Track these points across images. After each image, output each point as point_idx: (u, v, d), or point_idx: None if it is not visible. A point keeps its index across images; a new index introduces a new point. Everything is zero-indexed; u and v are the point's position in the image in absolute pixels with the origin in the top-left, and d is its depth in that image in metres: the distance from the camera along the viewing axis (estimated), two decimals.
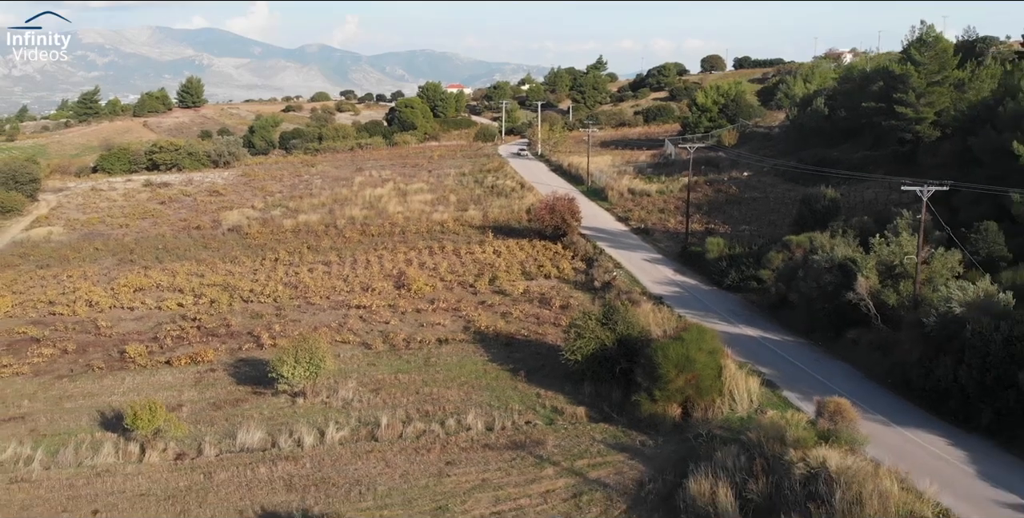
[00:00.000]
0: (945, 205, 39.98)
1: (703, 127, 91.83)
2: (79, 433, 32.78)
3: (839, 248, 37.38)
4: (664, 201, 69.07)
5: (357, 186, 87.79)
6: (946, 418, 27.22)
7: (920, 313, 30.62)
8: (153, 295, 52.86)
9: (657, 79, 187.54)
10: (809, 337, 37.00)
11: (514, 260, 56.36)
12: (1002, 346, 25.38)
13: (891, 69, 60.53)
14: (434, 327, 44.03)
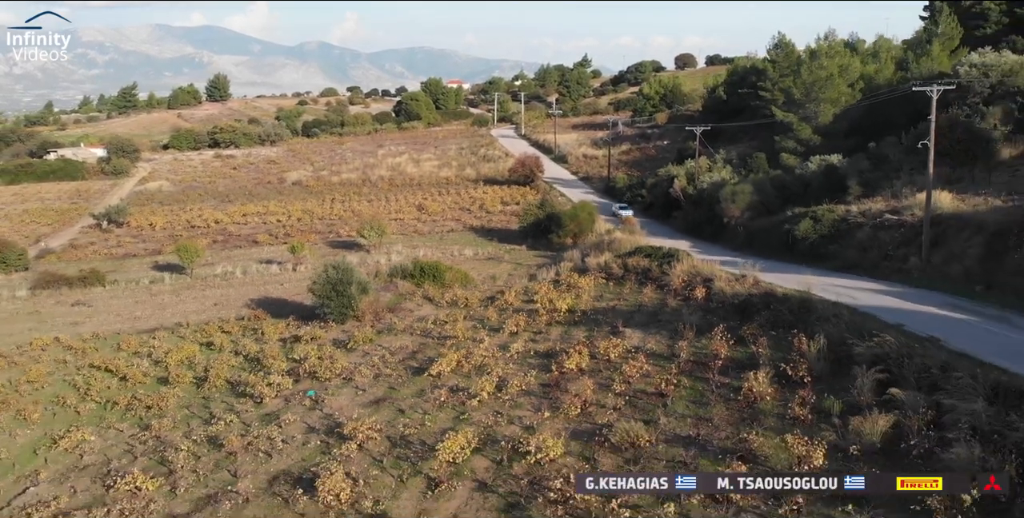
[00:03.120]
0: (761, 145, 70.40)
1: (648, 112, 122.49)
2: (255, 265, 63.29)
3: (673, 169, 68.09)
4: (605, 161, 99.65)
5: (380, 157, 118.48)
6: (693, 237, 57.48)
7: (701, 196, 61.22)
8: (256, 217, 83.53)
9: (635, 75, 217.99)
10: (656, 218, 67.52)
11: (496, 196, 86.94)
12: (710, 200, 55.82)
13: (758, 66, 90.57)
14: (443, 225, 74.67)
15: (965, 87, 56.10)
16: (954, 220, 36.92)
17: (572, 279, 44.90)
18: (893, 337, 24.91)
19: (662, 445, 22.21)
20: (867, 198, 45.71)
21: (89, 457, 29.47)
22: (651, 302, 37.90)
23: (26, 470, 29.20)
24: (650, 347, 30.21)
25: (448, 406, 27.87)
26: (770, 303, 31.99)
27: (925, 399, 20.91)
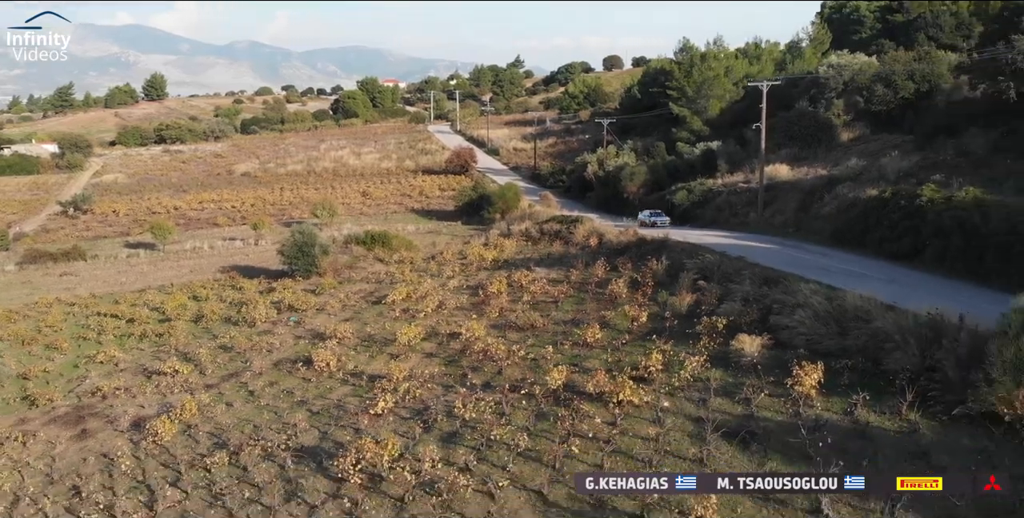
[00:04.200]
0: (663, 136, 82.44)
1: (573, 109, 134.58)
2: (219, 241, 72.42)
3: (587, 157, 79.76)
4: (533, 153, 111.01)
5: (323, 151, 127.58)
6: (602, 211, 68.99)
7: (607, 178, 72.82)
8: (212, 204, 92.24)
9: (565, 75, 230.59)
10: (574, 198, 78.97)
11: (434, 184, 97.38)
12: (615, 180, 67.43)
13: (666, 67, 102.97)
14: (387, 208, 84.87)
15: (823, 83, 69.00)
16: (784, 185, 49.11)
17: (499, 241, 55.63)
18: (713, 256, 36.41)
19: (551, 325, 33.12)
20: (731, 173, 57.78)
21: (123, 364, 39.08)
22: (558, 252, 48.90)
23: (74, 375, 38.66)
24: (552, 277, 41.16)
25: (402, 319, 38.27)
26: (640, 245, 43.30)
27: (719, 286, 32.29)
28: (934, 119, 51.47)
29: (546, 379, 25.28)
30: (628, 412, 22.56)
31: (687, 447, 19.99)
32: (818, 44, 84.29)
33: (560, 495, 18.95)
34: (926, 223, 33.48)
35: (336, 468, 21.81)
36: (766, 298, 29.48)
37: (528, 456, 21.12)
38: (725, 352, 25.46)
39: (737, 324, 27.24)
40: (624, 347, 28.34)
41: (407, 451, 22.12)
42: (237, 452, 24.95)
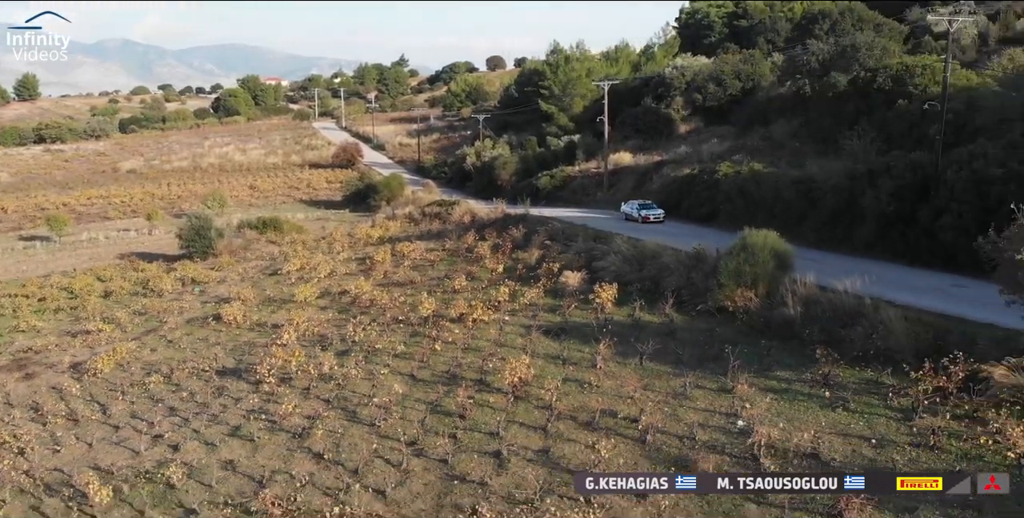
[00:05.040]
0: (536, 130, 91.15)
1: (455, 106, 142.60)
2: (114, 233, 76.33)
3: (466, 150, 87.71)
4: (418, 148, 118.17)
5: (207, 147, 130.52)
6: (479, 197, 76.95)
7: (484, 168, 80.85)
8: (100, 199, 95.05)
9: (449, 74, 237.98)
10: (455, 187, 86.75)
11: (321, 177, 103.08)
12: (490, 169, 75.54)
13: (539, 68, 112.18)
14: (275, 199, 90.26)
15: (668, 83, 79.18)
16: (626, 169, 58.44)
17: (384, 223, 62.63)
18: (560, 224, 44.83)
19: (427, 281, 40.59)
20: (587, 161, 66.88)
21: (46, 331, 44.04)
22: (437, 229, 56.38)
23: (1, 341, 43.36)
24: (430, 247, 48.64)
25: (297, 285, 44.87)
26: (505, 219, 51.36)
27: (561, 244, 40.63)
28: (750, 112, 61.87)
29: (420, 311, 32.86)
30: (479, 326, 30.38)
31: (517, 340, 27.96)
32: (668, 47, 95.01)
33: (425, 376, 26.52)
34: (720, 192, 42.90)
35: (253, 377, 28.67)
36: (593, 250, 37.97)
37: (403, 356, 28.63)
38: (556, 286, 33.71)
39: (568, 267, 35.52)
40: (483, 289, 36.15)
41: (310, 361, 29.17)
42: (169, 375, 31.33)
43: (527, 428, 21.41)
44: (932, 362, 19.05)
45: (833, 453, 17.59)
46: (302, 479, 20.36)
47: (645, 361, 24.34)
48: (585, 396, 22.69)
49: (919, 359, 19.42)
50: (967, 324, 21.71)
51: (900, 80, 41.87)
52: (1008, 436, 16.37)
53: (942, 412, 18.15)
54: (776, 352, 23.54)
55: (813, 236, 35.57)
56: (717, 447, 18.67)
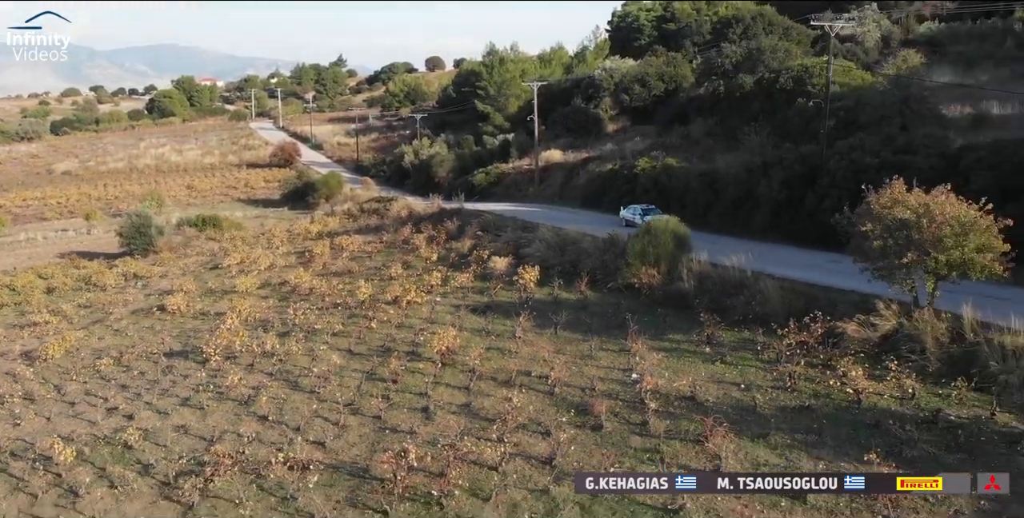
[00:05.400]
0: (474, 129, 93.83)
1: (394, 106, 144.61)
2: (52, 233, 76.62)
3: (404, 148, 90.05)
4: (356, 147, 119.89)
5: (143, 149, 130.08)
6: (417, 194, 79.39)
7: (421, 166, 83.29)
8: (36, 201, 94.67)
9: (388, 75, 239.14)
10: (394, 185, 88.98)
11: (259, 176, 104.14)
12: (428, 167, 78.07)
13: (476, 69, 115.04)
14: (213, 199, 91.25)
15: (598, 84, 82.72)
16: (556, 166, 61.67)
17: (323, 219, 64.69)
18: (492, 216, 47.71)
19: (365, 270, 43.01)
20: (520, 159, 69.94)
21: None
22: (375, 223, 58.72)
23: None
24: (368, 240, 51.00)
25: (237, 277, 46.82)
26: (441, 213, 54.02)
27: (492, 235, 43.50)
28: (672, 112, 65.63)
29: (357, 295, 35.37)
30: (413, 307, 33.05)
31: (446, 318, 30.70)
32: (599, 50, 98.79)
33: (361, 350, 29.08)
34: (638, 185, 46.30)
35: (200, 357, 30.84)
36: (521, 239, 40.99)
37: (341, 335, 31.13)
38: (485, 271, 36.58)
39: (497, 254, 38.43)
40: (418, 276, 38.76)
41: (253, 340, 31.43)
42: (119, 358, 33.22)
43: (452, 388, 24.18)
44: (797, 322, 22.46)
45: (707, 396, 20.78)
46: (249, 436, 22.78)
47: (559, 330, 27.37)
48: (505, 360, 25.58)
49: (789, 320, 22.81)
50: (833, 291, 25.24)
51: (800, 80, 45.82)
52: (852, 378, 19.73)
53: (801, 361, 21.53)
54: (671, 319, 26.83)
55: (717, 223, 39.14)
56: (612, 395, 21.71)
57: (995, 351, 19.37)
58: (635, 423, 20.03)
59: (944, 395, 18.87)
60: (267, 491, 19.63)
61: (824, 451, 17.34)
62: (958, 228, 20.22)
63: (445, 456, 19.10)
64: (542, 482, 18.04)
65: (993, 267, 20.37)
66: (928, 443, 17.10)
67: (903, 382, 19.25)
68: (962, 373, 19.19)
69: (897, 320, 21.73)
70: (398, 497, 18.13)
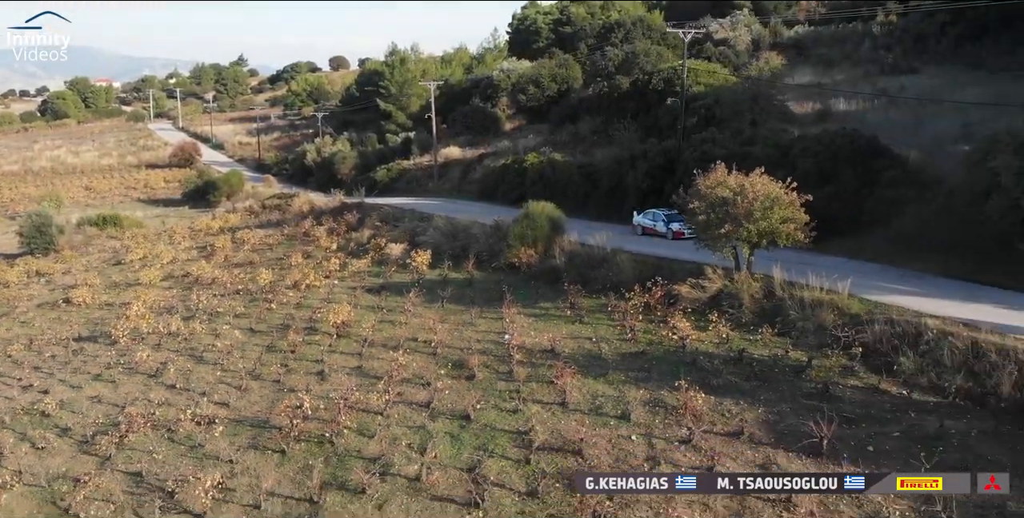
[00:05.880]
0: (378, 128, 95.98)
1: (297, 105, 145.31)
2: None
3: (307, 146, 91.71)
4: (258, 146, 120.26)
5: (37, 151, 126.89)
6: (321, 191, 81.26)
7: (324, 163, 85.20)
8: None
9: (291, 74, 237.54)
10: (297, 183, 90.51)
11: (159, 177, 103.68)
12: (330, 165, 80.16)
13: (378, 69, 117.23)
14: (113, 199, 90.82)
15: (496, 84, 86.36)
16: (454, 162, 65.05)
17: (225, 216, 66.13)
18: (391, 208, 50.59)
19: (265, 260, 45.27)
20: (421, 155, 72.95)
21: None
22: (276, 219, 60.68)
23: None
24: (269, 233, 53.10)
25: (140, 271, 48.32)
26: (342, 207, 56.51)
27: (391, 225, 46.36)
28: (563, 111, 69.74)
29: (258, 281, 37.81)
30: (311, 290, 35.76)
31: (343, 298, 33.52)
32: (499, 51, 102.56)
33: (262, 328, 31.66)
34: (527, 178, 49.99)
35: (108, 340, 32.80)
36: (417, 227, 44.09)
37: (243, 316, 33.63)
38: (382, 257, 39.54)
39: (394, 241, 41.41)
40: (317, 263, 41.37)
41: (159, 323, 33.56)
42: (29, 344, 34.78)
43: (346, 355, 27.16)
44: (642, 287, 26.37)
45: (564, 348, 24.38)
46: (159, 401, 25.23)
47: (446, 304, 30.67)
48: (395, 330, 28.69)
49: (636, 287, 26.72)
50: (676, 262, 29.28)
51: (670, 81, 50.28)
52: (680, 329, 23.65)
53: (641, 318, 25.41)
54: (543, 290, 30.53)
55: (595, 210, 43.12)
56: (486, 352, 25.10)
57: (795, 304, 23.63)
58: (502, 372, 23.47)
59: (753, 340, 22.98)
60: (177, 442, 22.24)
61: (650, 384, 21.16)
62: (767, 202, 24.39)
63: (336, 406, 22.11)
64: (420, 421, 21.30)
65: (796, 235, 24.65)
66: (732, 375, 21.13)
67: (721, 330, 23.30)
68: (769, 322, 23.41)
69: (722, 282, 25.88)
70: (294, 439, 21.06)
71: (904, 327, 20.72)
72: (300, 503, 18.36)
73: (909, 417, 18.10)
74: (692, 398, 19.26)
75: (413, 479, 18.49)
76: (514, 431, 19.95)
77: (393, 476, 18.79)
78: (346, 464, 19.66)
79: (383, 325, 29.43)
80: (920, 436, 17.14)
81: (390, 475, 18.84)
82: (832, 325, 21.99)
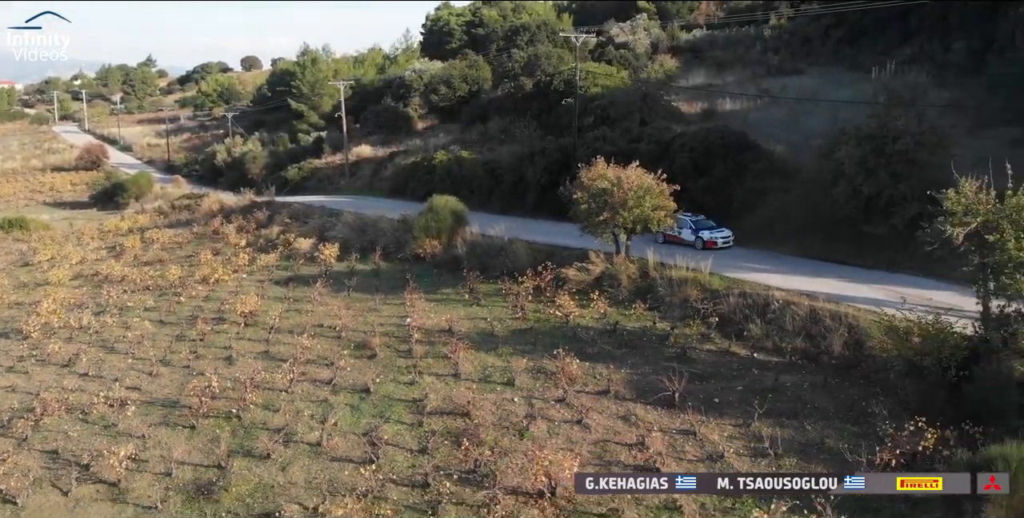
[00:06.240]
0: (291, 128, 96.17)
1: (207, 106, 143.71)
2: None
3: (217, 147, 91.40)
4: (167, 148, 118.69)
5: None
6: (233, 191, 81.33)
7: (234, 163, 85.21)
8: None
9: (201, 75, 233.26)
10: (207, 183, 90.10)
11: (65, 180, 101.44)
12: (241, 165, 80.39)
13: (290, 69, 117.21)
14: (17, 203, 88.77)
15: (408, 84, 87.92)
16: (366, 160, 66.49)
17: (134, 217, 65.97)
18: (301, 206, 51.79)
19: (174, 258, 45.91)
20: (333, 154, 74.03)
21: None
22: (186, 218, 60.99)
23: None
24: (178, 233, 53.58)
25: (49, 272, 48.28)
26: (252, 205, 57.30)
27: (301, 222, 47.60)
28: (474, 110, 71.84)
29: (168, 277, 38.70)
30: (221, 284, 36.90)
31: (252, 290, 34.83)
32: (412, 52, 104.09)
33: (172, 319, 32.74)
34: (436, 175, 51.89)
35: (19, 335, 33.30)
36: (327, 223, 45.50)
37: (152, 309, 34.57)
38: (291, 252, 40.88)
39: (303, 237, 42.77)
40: (227, 259, 42.37)
41: (70, 317, 34.21)
42: None
43: (253, 341, 28.61)
44: (534, 271, 28.65)
45: (460, 328, 26.46)
46: (73, 388, 26.20)
47: (352, 292, 32.41)
48: (301, 317, 30.26)
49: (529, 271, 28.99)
50: (566, 249, 31.68)
51: (571, 83, 52.89)
52: (564, 307, 25.97)
53: (530, 298, 27.70)
54: (445, 278, 32.59)
55: (499, 204, 45.34)
56: (388, 334, 26.97)
57: (665, 282, 26.29)
58: (402, 351, 25.40)
59: (627, 314, 25.52)
60: (91, 423, 23.40)
61: (534, 354, 23.45)
62: (640, 192, 26.97)
63: (243, 385, 23.64)
64: (323, 395, 23.05)
65: (666, 222, 27.35)
66: (606, 344, 23.62)
67: (600, 307, 25.75)
68: (642, 298, 26.01)
69: (604, 265, 28.40)
70: (203, 416, 22.53)
71: (754, 299, 23.54)
72: (209, 469, 19.88)
73: (752, 374, 20.83)
74: (568, 364, 21.60)
75: (315, 445, 20.25)
76: (410, 400, 21.91)
77: (296, 443, 20.51)
78: (252, 435, 21.28)
79: (290, 313, 30.94)
80: (759, 389, 19.83)
81: (293, 442, 20.56)
82: (695, 299, 24.68)
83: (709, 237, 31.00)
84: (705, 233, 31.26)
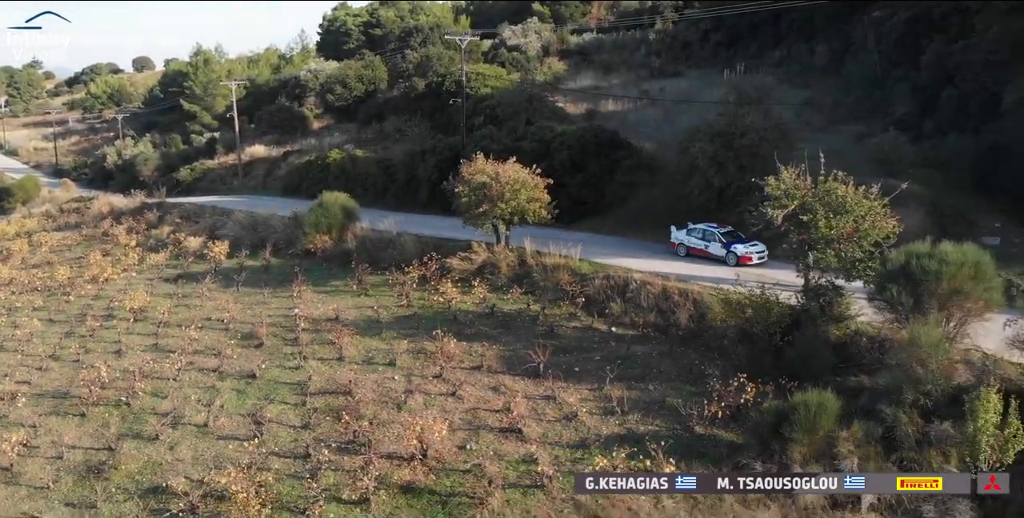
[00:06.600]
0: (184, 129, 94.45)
1: (97, 108, 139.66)
2: None
3: (107, 149, 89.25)
4: (54, 151, 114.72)
5: None
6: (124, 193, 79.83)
7: (125, 165, 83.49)
8: None
9: (91, 76, 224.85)
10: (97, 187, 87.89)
11: None
12: (132, 167, 78.99)
13: (183, 69, 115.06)
14: None
15: (303, 84, 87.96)
16: (259, 160, 66.69)
17: (21, 221, 64.13)
18: (193, 206, 51.83)
19: (64, 260, 45.38)
20: (226, 154, 73.73)
21: None
22: (75, 221, 59.76)
23: None
24: (67, 236, 52.71)
25: None
26: (142, 207, 56.77)
27: (191, 222, 47.70)
28: (370, 110, 72.76)
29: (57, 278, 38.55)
30: (110, 283, 37.07)
31: (141, 286, 35.18)
32: (307, 52, 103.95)
33: (61, 318, 32.87)
34: (330, 173, 52.78)
35: None
36: (218, 222, 45.86)
37: (41, 309, 34.64)
38: (181, 251, 41.23)
39: (194, 236, 43.08)
40: (116, 260, 42.30)
41: None
42: None
43: (143, 335, 29.22)
44: (420, 261, 30.23)
45: (347, 316, 27.84)
46: None
47: (241, 287, 33.27)
48: (190, 312, 31.01)
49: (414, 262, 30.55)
50: (452, 241, 33.31)
51: (461, 84, 54.70)
52: (447, 293, 27.64)
53: (415, 285, 29.28)
54: (335, 272, 33.83)
55: (393, 201, 46.66)
56: (275, 324, 28.08)
57: (540, 268, 28.32)
58: (289, 339, 26.60)
59: (504, 298, 27.44)
60: None
61: (417, 337, 25.09)
62: (516, 186, 28.91)
63: (132, 375, 24.41)
64: (211, 382, 24.06)
65: (540, 213, 29.37)
66: (484, 325, 25.51)
67: (481, 293, 27.54)
68: (519, 283, 27.95)
69: (486, 255, 30.23)
70: (93, 404, 23.23)
71: (616, 281, 25.80)
72: (99, 452, 20.73)
73: (609, 346, 23.04)
74: (447, 344, 23.29)
75: (202, 425, 21.34)
76: (294, 383, 23.21)
77: (184, 425, 21.56)
78: (141, 419, 22.18)
79: (179, 309, 31.62)
80: (613, 358, 22.04)
81: (181, 424, 21.59)
82: (566, 283, 26.74)
83: (744, 252, 28.13)
84: (739, 247, 28.34)
